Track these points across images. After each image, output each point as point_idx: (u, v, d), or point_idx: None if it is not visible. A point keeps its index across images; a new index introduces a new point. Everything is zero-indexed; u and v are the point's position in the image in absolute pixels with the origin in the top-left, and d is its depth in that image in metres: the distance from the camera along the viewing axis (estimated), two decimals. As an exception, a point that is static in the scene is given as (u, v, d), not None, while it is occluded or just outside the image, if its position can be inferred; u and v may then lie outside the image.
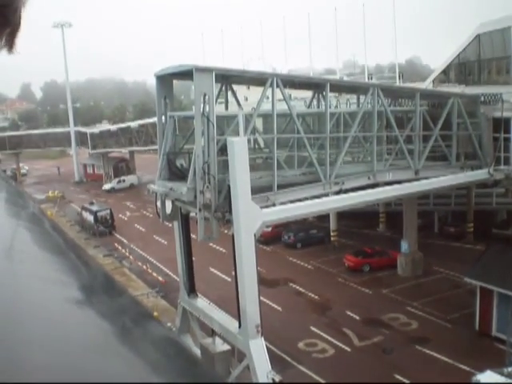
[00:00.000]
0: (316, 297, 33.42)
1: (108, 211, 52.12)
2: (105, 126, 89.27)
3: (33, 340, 1.00)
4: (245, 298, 20.05)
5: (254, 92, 32.06)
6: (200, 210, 19.98)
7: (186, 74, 21.50)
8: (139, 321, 1.31)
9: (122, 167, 78.88)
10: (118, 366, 0.98)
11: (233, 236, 20.45)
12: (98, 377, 0.89)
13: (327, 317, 30.69)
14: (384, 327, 28.80)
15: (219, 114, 21.68)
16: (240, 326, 20.85)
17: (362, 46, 54.41)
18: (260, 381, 19.52)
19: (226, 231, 22.81)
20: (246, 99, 40.24)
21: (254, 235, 20.14)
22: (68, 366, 0.91)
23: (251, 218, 19.89)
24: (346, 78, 59.63)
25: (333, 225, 43.21)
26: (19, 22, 1.22)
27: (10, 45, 1.23)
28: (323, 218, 40.77)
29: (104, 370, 0.93)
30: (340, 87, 28.74)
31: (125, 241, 48.27)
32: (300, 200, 22.34)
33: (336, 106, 31.23)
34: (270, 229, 39.78)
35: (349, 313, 30.56)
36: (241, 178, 19.46)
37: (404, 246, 36.06)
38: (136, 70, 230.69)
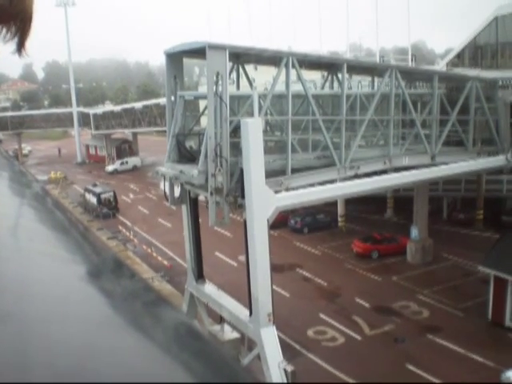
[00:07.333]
0: (324, 283, 32.80)
1: (111, 193, 51.51)
2: (108, 107, 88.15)
3: (44, 316, 1.03)
4: (257, 286, 19.40)
5: (262, 73, 31.11)
6: (211, 193, 19.26)
7: (198, 52, 20.64)
8: (149, 300, 1.24)
9: (125, 149, 77.87)
10: (129, 342, 0.99)
11: (245, 222, 19.74)
12: (110, 353, 0.92)
13: (336, 304, 30.09)
14: (395, 315, 28.21)
15: (231, 94, 20.85)
16: (251, 314, 20.24)
17: (367, 28, 53.04)
18: (271, 370, 18.97)
19: (231, 214, 22.04)
20: (254, 81, 39.22)
21: (267, 221, 19.45)
22: (79, 342, 0.91)
23: (265, 202, 19.16)
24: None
25: (340, 209, 42.54)
26: (30, 22, 1.19)
27: (20, 46, 1.20)
28: (330, 202, 40.05)
29: (115, 346, 0.96)
30: (357, 68, 27.75)
31: (128, 223, 47.68)
32: (314, 185, 21.61)
33: (349, 88, 30.28)
34: (276, 213, 39.08)
35: (358, 300, 29.95)
36: (255, 160, 18.70)
37: (414, 232, 35.30)
38: (138, 51, 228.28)
